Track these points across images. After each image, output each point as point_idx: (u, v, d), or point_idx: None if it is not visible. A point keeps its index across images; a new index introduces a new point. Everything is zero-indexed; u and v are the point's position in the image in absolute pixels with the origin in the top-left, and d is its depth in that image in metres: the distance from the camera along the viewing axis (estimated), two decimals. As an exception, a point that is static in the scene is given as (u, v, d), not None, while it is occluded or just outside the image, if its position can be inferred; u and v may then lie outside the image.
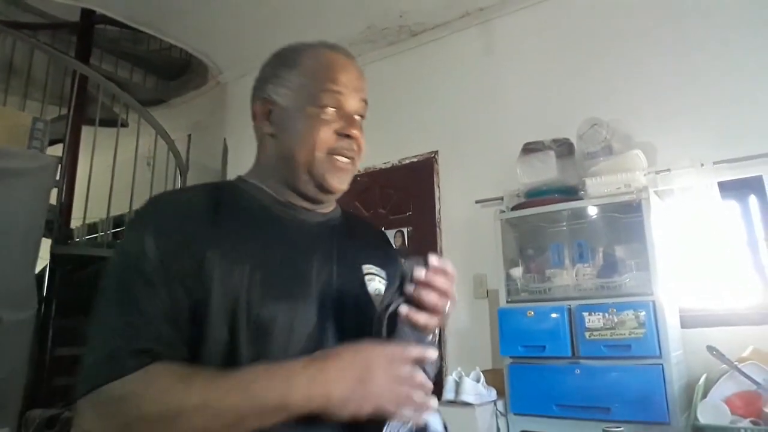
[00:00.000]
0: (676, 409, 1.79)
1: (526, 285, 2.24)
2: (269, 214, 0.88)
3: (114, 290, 0.76)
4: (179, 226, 0.79)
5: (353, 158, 0.91)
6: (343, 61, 0.92)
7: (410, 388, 0.71)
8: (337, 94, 0.88)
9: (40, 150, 2.93)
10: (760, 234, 2.15)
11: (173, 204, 0.85)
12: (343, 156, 0.89)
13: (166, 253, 0.75)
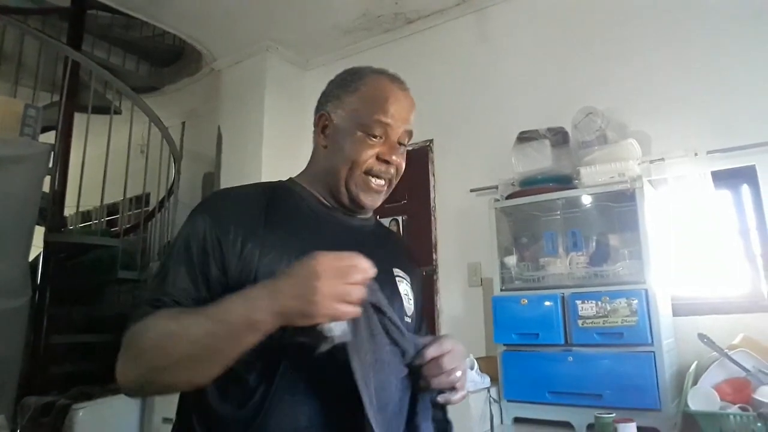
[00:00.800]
0: (667, 395, 1.81)
1: (520, 273, 2.26)
2: (314, 215, 1.01)
3: (165, 260, 0.91)
4: (231, 215, 0.92)
5: (389, 180, 1.02)
6: (398, 94, 1.02)
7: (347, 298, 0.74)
8: (386, 125, 0.99)
9: (33, 137, 2.91)
10: (752, 223, 2.17)
11: (230, 197, 1.00)
12: (379, 178, 1.00)
13: (213, 235, 0.88)
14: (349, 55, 3.39)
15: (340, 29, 3.23)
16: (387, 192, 1.04)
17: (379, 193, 1.02)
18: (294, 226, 0.96)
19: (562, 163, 2.31)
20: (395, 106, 1.00)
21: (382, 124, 0.98)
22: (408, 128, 1.02)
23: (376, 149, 0.98)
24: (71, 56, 3.44)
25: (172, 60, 4.36)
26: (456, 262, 2.78)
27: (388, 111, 0.99)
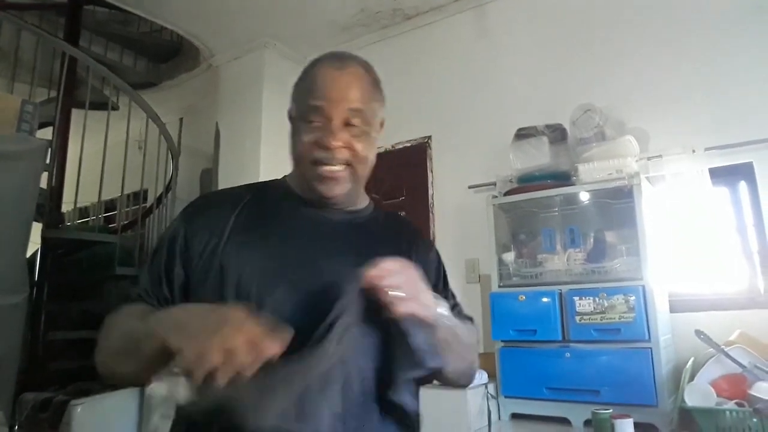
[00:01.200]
0: (664, 391, 1.82)
1: (518, 270, 2.26)
2: (293, 211, 1.00)
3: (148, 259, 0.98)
4: (203, 217, 0.97)
5: (347, 164, 0.96)
6: (333, 74, 0.97)
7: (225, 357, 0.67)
8: (320, 108, 0.94)
9: (30, 133, 2.89)
10: (749, 220, 2.18)
11: (208, 199, 1.06)
12: (327, 164, 0.94)
13: (182, 237, 0.94)
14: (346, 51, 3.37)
15: (337, 25, 3.22)
16: (354, 178, 0.97)
17: (336, 181, 0.96)
18: (264, 225, 0.96)
19: (560, 160, 2.31)
20: (329, 86, 0.95)
21: (316, 108, 0.94)
22: (352, 106, 0.94)
23: (314, 136, 0.94)
24: (68, 52, 3.43)
25: (170, 56, 4.34)
26: (454, 259, 2.77)
27: (321, 93, 0.94)
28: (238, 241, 0.92)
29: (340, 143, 0.93)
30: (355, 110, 0.95)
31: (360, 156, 0.96)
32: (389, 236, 1.07)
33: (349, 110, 0.94)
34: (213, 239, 0.92)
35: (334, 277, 0.88)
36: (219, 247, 0.91)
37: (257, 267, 0.90)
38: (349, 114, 0.94)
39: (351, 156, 0.95)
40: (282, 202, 1.01)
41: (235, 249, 0.91)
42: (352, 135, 0.95)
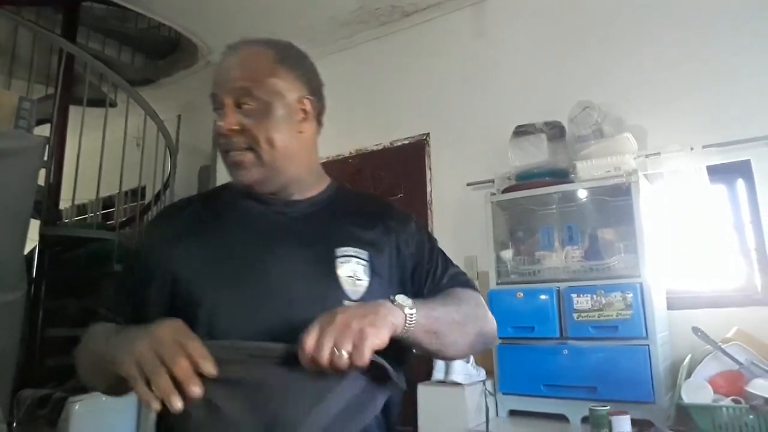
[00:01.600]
0: (661, 388, 1.83)
1: (516, 267, 2.26)
2: (238, 209, 0.96)
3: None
4: (160, 227, 0.99)
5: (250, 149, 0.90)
6: (224, 59, 0.94)
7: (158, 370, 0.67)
8: (215, 96, 0.91)
9: (27, 130, 2.88)
10: (747, 217, 2.18)
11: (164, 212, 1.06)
12: (231, 151, 0.90)
13: (141, 253, 0.96)
14: (345, 48, 3.38)
15: (336, 22, 3.22)
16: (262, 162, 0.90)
17: (243, 167, 0.90)
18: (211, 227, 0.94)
19: (558, 157, 2.31)
20: (218, 71, 0.93)
21: (212, 97, 0.92)
22: (236, 85, 0.89)
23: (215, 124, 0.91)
24: (66, 48, 3.42)
25: (168, 52, 4.33)
26: (452, 256, 2.73)
27: (215, 81, 0.92)
28: (185, 247, 0.91)
29: (230, 126, 0.88)
30: (240, 89, 0.89)
31: (258, 138, 0.89)
32: (352, 220, 0.98)
33: (234, 90, 0.89)
34: (165, 249, 0.91)
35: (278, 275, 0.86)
36: (170, 254, 0.90)
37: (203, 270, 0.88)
38: (235, 95, 0.89)
39: (250, 139, 0.89)
40: (231, 202, 0.97)
41: (183, 254, 0.90)
42: (246, 116, 0.89)
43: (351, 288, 0.89)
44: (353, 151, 3.25)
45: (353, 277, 0.89)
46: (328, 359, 0.68)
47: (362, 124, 3.26)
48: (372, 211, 1.04)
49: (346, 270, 0.90)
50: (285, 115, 0.92)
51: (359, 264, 0.91)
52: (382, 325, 0.74)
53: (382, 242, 0.97)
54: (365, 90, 3.29)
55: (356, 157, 3.23)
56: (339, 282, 0.88)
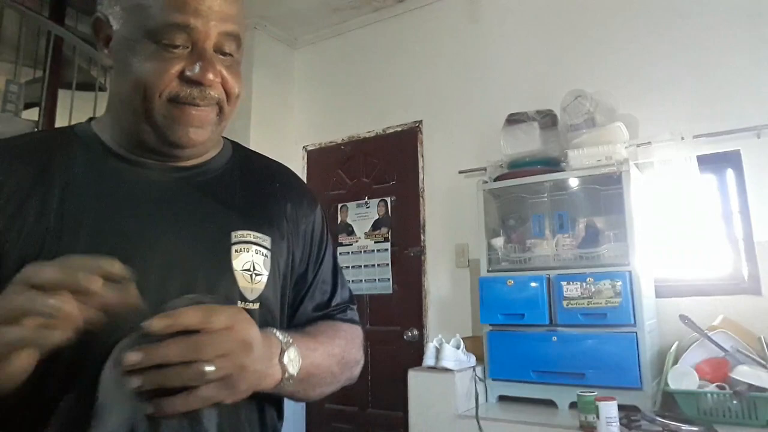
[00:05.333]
0: (648, 375, 1.85)
1: (507, 255, 2.28)
2: (108, 170, 0.72)
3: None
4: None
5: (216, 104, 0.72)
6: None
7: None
8: (186, 28, 0.67)
9: (15, 114, 2.86)
10: (735, 207, 2.20)
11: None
12: (192, 105, 0.70)
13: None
14: (338, 33, 3.35)
15: (329, 7, 3.18)
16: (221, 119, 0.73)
17: (203, 122, 0.71)
18: (63, 190, 0.68)
19: (550, 146, 2.32)
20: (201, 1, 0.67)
21: (179, 28, 0.66)
22: (227, 29, 0.69)
23: (177, 65, 0.67)
24: (54, 31, 3.37)
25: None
26: (444, 243, 2.79)
27: (187, 5, 0.66)
28: (20, 212, 0.66)
29: (216, 76, 0.69)
30: (231, 34, 0.70)
31: (233, 94, 0.73)
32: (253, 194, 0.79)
33: (224, 34, 0.70)
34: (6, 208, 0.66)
35: (157, 264, 0.66)
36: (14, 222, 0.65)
37: (45, 250, 0.64)
38: (221, 38, 0.69)
39: (223, 93, 0.72)
40: (90, 159, 0.73)
41: (17, 223, 0.65)
42: (225, 66, 0.71)
43: (247, 285, 0.71)
44: (345, 138, 3.24)
45: (251, 271, 0.72)
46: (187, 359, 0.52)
47: (354, 111, 3.24)
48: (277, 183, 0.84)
49: (242, 261, 0.71)
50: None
51: (259, 253, 0.73)
52: (248, 384, 0.58)
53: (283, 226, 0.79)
54: (358, 76, 3.27)
55: (348, 144, 3.22)
56: (234, 278, 0.70)
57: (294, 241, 0.81)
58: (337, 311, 0.86)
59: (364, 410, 2.90)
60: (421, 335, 2.80)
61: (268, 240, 0.75)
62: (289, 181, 0.88)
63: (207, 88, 0.69)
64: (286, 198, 0.82)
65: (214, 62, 0.69)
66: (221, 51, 0.70)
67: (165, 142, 0.71)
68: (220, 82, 0.71)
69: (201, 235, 0.71)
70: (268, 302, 0.74)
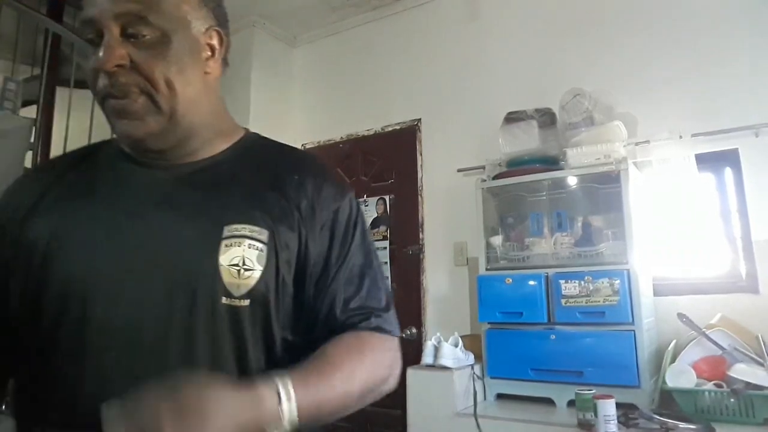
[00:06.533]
0: (646, 373, 1.86)
1: (506, 253, 2.28)
2: (117, 170, 0.77)
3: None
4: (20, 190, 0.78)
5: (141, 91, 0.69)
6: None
7: None
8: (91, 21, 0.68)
9: (13, 111, 2.84)
10: (733, 206, 2.21)
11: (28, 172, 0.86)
12: (112, 97, 0.69)
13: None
14: (337, 31, 3.34)
15: (328, 5, 3.18)
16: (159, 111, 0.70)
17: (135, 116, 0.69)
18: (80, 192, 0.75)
19: (549, 144, 2.32)
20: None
21: (87, 23, 0.68)
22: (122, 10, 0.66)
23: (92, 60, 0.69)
24: (51, 28, 3.35)
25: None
26: (442, 242, 2.79)
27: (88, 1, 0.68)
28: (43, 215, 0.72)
29: (114, 61, 0.66)
30: (130, 14, 0.67)
31: (155, 79, 0.68)
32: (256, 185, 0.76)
33: (121, 14, 0.67)
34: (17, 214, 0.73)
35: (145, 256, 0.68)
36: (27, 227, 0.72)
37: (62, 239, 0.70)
38: (122, 20, 0.67)
39: (143, 80, 0.68)
40: (107, 163, 0.79)
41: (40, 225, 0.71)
42: (137, 49, 0.68)
43: (234, 281, 0.68)
44: (344, 136, 3.23)
45: (240, 267, 0.69)
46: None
47: (353, 109, 3.24)
48: (295, 174, 0.78)
49: (231, 256, 0.69)
50: (189, 49, 0.72)
51: (252, 248, 0.70)
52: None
53: (293, 218, 0.74)
54: (356, 75, 3.27)
55: (347, 143, 3.22)
56: (219, 273, 0.68)
57: (309, 233, 0.74)
58: (360, 317, 0.76)
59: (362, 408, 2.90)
60: (420, 333, 2.80)
61: (265, 234, 0.71)
62: (311, 170, 0.80)
63: (115, 77, 0.68)
64: (303, 188, 0.77)
65: (112, 46, 0.67)
66: (129, 35, 0.68)
67: (124, 142, 0.74)
68: (131, 68, 0.68)
69: (192, 230, 0.70)
70: (261, 299, 0.70)
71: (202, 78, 0.75)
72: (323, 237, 0.76)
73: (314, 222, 0.75)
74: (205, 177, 0.76)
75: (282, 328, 0.73)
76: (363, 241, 0.80)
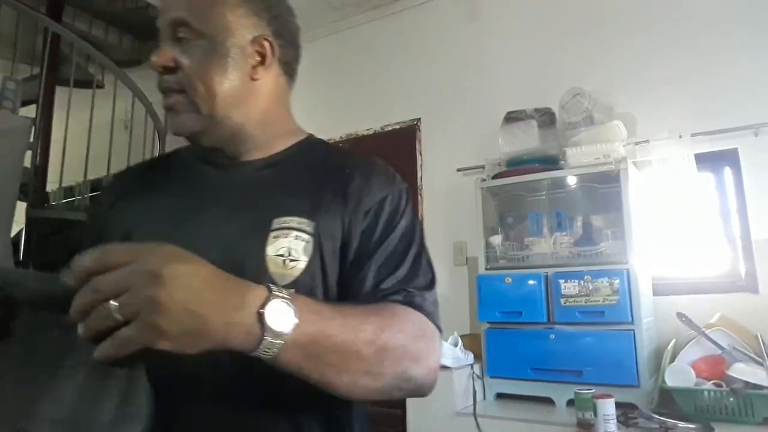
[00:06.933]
0: (646, 372, 1.86)
1: (505, 252, 2.28)
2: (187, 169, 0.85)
3: None
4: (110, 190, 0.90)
5: (182, 90, 0.76)
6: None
7: None
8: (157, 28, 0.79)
9: (12, 111, 2.84)
10: (733, 205, 2.21)
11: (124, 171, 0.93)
12: (164, 94, 0.78)
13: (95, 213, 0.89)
14: (337, 31, 3.34)
15: (328, 4, 3.18)
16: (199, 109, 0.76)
17: (174, 113, 0.77)
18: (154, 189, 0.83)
19: (548, 144, 2.32)
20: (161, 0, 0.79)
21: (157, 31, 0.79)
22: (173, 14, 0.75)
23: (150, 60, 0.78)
24: (51, 28, 3.35)
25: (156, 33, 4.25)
26: (442, 241, 2.79)
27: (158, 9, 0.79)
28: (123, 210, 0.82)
29: (161, 62, 0.76)
30: (177, 20, 0.75)
31: (193, 80, 0.75)
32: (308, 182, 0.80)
33: (171, 20, 0.76)
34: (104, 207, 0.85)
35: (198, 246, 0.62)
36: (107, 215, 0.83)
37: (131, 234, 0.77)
38: (172, 25, 0.76)
39: (183, 80, 0.75)
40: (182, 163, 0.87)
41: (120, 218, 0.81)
42: (183, 53, 0.75)
43: (279, 271, 0.70)
44: (344, 135, 3.23)
45: (285, 257, 0.71)
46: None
47: (353, 108, 3.24)
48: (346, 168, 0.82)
49: (278, 247, 0.71)
50: (232, 55, 0.76)
51: (299, 239, 0.73)
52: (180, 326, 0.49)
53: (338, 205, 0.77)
54: (357, 74, 3.27)
55: (347, 142, 3.22)
56: (264, 263, 0.71)
57: (353, 220, 0.76)
58: (391, 292, 0.72)
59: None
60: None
61: (312, 225, 0.74)
62: (361, 165, 0.83)
63: (162, 76, 0.77)
64: (351, 179, 0.79)
65: (162, 48, 0.76)
66: (178, 39, 0.75)
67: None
68: (176, 67, 0.75)
69: (243, 223, 0.75)
70: (306, 289, 0.70)
71: (247, 83, 0.78)
72: (366, 222, 0.77)
73: (359, 209, 0.77)
74: (260, 174, 0.81)
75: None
76: (408, 231, 0.79)
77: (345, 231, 0.76)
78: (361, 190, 0.78)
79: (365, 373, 0.63)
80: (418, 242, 0.80)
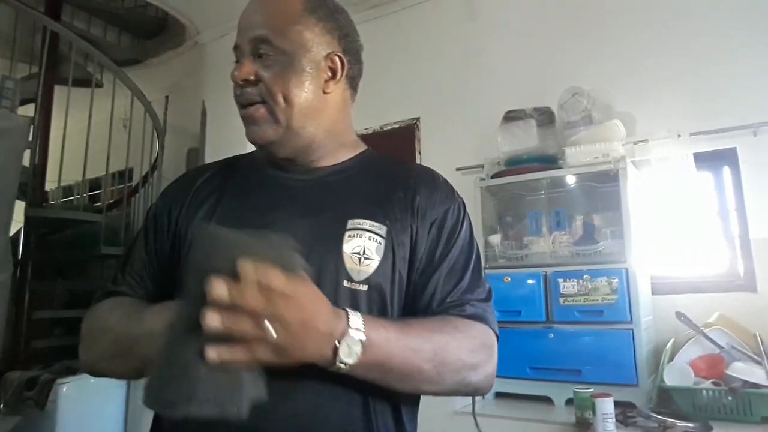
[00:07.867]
0: (644, 371, 1.86)
1: (504, 252, 2.28)
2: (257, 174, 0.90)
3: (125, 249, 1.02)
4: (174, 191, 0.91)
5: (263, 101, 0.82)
6: (248, 3, 0.86)
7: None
8: (236, 45, 0.85)
9: (11, 110, 2.84)
10: (732, 205, 2.21)
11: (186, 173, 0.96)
12: (242, 106, 0.84)
13: (157, 214, 0.89)
14: (336, 30, 3.34)
15: (327, 3, 3.17)
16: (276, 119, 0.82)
17: (255, 122, 0.83)
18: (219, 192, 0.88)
19: (547, 143, 2.32)
20: (242, 17, 0.85)
21: (235, 47, 0.85)
22: (255, 33, 0.81)
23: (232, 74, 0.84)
24: (50, 27, 3.34)
25: (155, 32, 4.26)
26: (441, 241, 2.79)
27: (237, 28, 0.85)
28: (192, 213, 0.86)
29: (244, 76, 0.81)
30: (259, 37, 0.81)
31: (274, 92, 0.81)
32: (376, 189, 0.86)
33: (253, 37, 0.82)
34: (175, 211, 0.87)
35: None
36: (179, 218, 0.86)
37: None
38: (254, 42, 0.82)
39: (265, 93, 0.81)
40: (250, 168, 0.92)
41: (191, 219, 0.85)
42: (264, 67, 0.81)
43: (355, 267, 0.77)
44: (343, 134, 3.23)
45: (360, 255, 0.78)
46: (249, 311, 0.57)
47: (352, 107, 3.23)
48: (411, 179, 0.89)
49: (353, 245, 0.78)
50: (308, 70, 0.83)
51: (372, 240, 0.79)
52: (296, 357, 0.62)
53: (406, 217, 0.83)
54: (355, 73, 3.26)
55: (346, 141, 3.22)
56: (342, 259, 0.77)
57: (420, 231, 0.83)
58: (453, 306, 0.81)
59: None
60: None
61: (383, 229, 0.80)
62: (424, 177, 0.91)
63: (243, 87, 0.82)
64: (416, 192, 0.86)
65: (244, 63, 0.82)
66: (259, 55, 0.81)
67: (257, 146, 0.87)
68: (256, 82, 0.81)
69: (320, 222, 0.80)
70: (377, 285, 0.78)
71: (320, 96, 0.85)
72: (432, 233, 0.84)
73: (425, 220, 0.84)
74: (330, 180, 0.87)
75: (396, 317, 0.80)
76: (467, 243, 0.88)
77: (413, 240, 0.83)
78: (426, 202, 0.85)
79: (426, 382, 0.76)
80: (476, 253, 0.89)
